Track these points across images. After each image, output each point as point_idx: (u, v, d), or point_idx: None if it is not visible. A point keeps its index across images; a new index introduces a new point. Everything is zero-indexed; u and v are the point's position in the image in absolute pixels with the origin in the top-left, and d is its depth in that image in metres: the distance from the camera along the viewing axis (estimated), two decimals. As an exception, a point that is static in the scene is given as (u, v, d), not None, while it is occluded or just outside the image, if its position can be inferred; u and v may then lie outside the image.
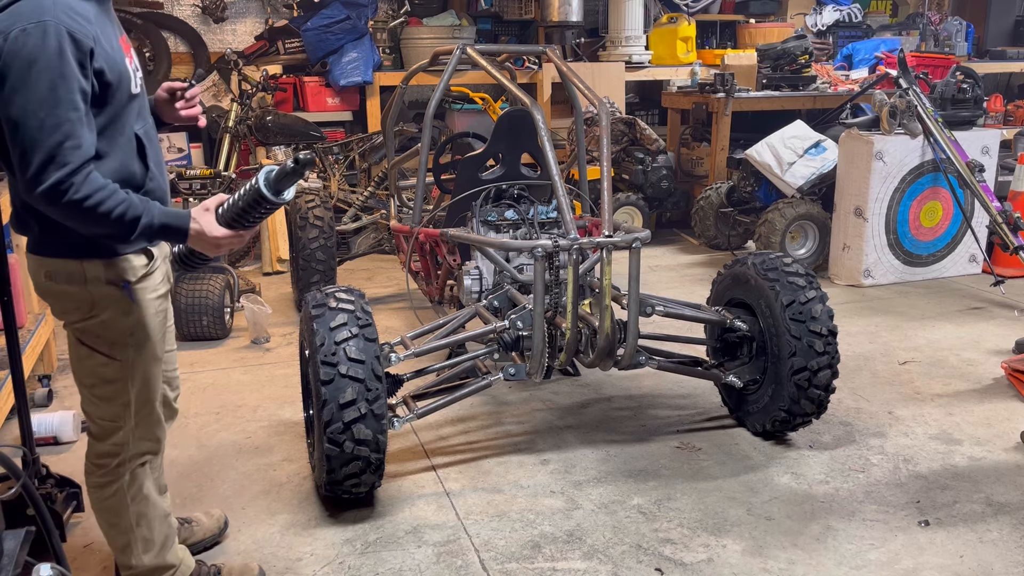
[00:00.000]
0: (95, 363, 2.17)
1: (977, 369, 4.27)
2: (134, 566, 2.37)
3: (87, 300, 2.12)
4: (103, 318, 2.14)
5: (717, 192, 6.60)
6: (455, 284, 3.94)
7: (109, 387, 2.19)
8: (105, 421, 2.23)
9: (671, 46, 7.58)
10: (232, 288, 4.97)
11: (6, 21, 1.89)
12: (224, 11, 7.19)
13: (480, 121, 6.72)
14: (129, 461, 2.27)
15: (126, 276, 2.14)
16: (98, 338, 2.15)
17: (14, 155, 1.91)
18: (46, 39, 1.87)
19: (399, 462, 3.37)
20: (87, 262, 2.10)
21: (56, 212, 1.93)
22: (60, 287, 2.13)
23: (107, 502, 2.29)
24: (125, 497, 2.29)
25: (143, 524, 2.33)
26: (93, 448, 2.27)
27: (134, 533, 2.33)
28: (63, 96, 1.89)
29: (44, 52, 1.86)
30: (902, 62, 5.57)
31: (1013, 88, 8.83)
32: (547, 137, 3.24)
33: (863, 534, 2.84)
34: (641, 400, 3.94)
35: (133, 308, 2.16)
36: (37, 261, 2.14)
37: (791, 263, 3.39)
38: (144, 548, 2.35)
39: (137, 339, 2.18)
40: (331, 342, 2.80)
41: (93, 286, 2.11)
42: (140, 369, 2.21)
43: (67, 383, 4.23)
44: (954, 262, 5.93)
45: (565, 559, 2.72)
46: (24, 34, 1.86)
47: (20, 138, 1.88)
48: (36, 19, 1.87)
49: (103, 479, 2.27)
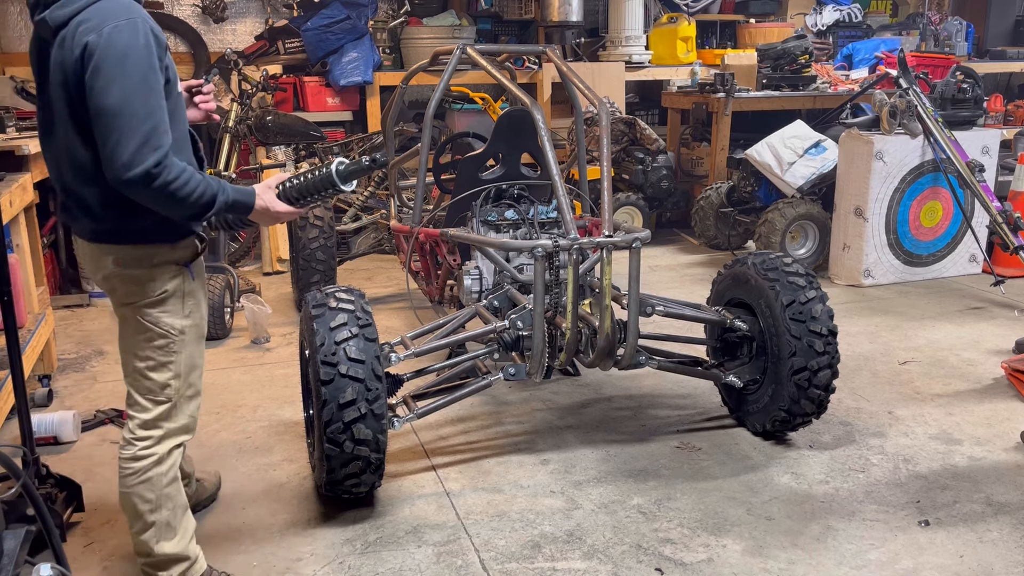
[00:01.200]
0: (152, 340, 2.32)
1: (977, 369, 4.27)
2: (154, 553, 2.40)
3: (154, 281, 2.29)
4: (167, 297, 2.31)
5: (717, 192, 6.60)
6: (455, 284, 3.94)
7: (162, 362, 2.34)
8: (153, 395, 2.36)
9: (671, 46, 7.58)
10: (232, 288, 4.97)
11: (96, 19, 2.07)
12: (224, 11, 7.19)
13: (480, 121, 6.72)
14: (171, 436, 2.39)
15: (187, 258, 2.34)
16: (160, 315, 2.31)
17: (108, 142, 2.04)
18: (136, 34, 2.07)
19: (399, 462, 3.37)
20: (156, 246, 2.28)
21: (146, 194, 2.09)
22: (129, 271, 2.28)
23: (141, 477, 2.35)
24: (161, 476, 2.37)
25: (167, 507, 2.39)
26: (137, 421, 2.37)
27: (159, 515, 2.38)
28: (153, 86, 2.08)
29: (135, 46, 2.06)
30: (902, 62, 5.57)
31: (1013, 88, 8.83)
32: (547, 137, 3.24)
33: (863, 534, 2.84)
34: (641, 400, 3.94)
35: (192, 286, 2.37)
36: (104, 249, 2.28)
37: (791, 263, 3.39)
38: (166, 535, 2.40)
39: (191, 315, 2.37)
40: (331, 342, 2.80)
41: (160, 268, 2.29)
42: (190, 344, 2.38)
43: (67, 383, 4.24)
44: (954, 262, 5.93)
45: (565, 559, 2.72)
46: (116, 30, 2.05)
47: (116, 125, 2.03)
48: (126, 16, 2.08)
49: (144, 452, 2.35)
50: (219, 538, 2.87)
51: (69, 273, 5.78)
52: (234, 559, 2.75)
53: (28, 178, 4.11)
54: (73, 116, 2.14)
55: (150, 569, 2.43)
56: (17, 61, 6.80)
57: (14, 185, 3.82)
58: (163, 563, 2.41)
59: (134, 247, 2.26)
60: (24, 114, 5.33)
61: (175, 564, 2.43)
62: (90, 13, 2.08)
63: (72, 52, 2.07)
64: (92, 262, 2.34)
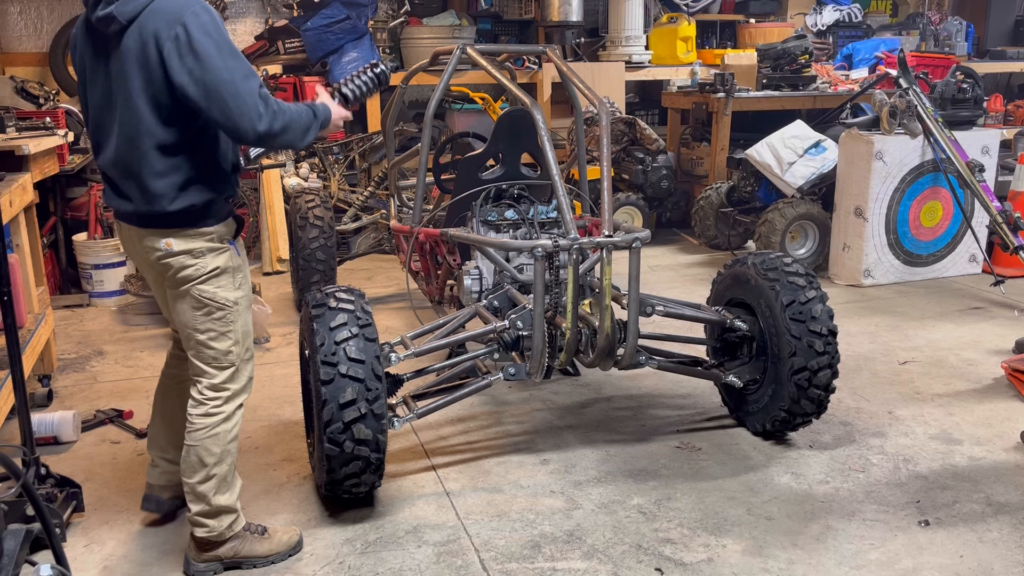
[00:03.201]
0: (211, 313, 2.54)
1: (977, 369, 4.27)
2: (211, 504, 2.61)
3: (208, 259, 2.50)
4: (220, 273, 2.52)
5: (717, 192, 6.60)
6: (455, 284, 3.94)
7: (222, 331, 2.56)
8: (218, 362, 2.58)
9: (671, 46, 7.58)
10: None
11: (173, 11, 2.29)
12: (224, 11, 7.18)
13: (480, 121, 6.71)
14: (236, 396, 2.63)
15: (230, 235, 2.56)
16: (216, 290, 2.53)
17: (223, 111, 2.29)
18: (212, 15, 2.34)
19: (399, 462, 3.37)
20: (205, 228, 2.48)
21: (278, 138, 2.39)
22: (184, 253, 2.47)
23: (209, 432, 2.57)
24: (226, 433, 2.60)
25: (227, 462, 2.62)
26: (205, 384, 2.59)
27: (221, 468, 2.60)
28: (238, 53, 2.36)
29: (216, 24, 2.33)
30: (902, 62, 5.57)
31: (1013, 88, 8.83)
32: (547, 137, 3.24)
33: (863, 534, 2.84)
34: (641, 400, 3.94)
35: (238, 261, 2.58)
36: (157, 234, 2.47)
37: (791, 263, 3.39)
38: (222, 488, 2.62)
39: (242, 287, 2.60)
40: (331, 342, 2.80)
41: (211, 247, 2.50)
42: (243, 313, 2.61)
43: (67, 383, 4.24)
44: (954, 262, 5.93)
45: (565, 559, 2.72)
46: (195, 15, 2.29)
47: (230, 92, 2.28)
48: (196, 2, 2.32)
49: (215, 410, 2.59)
50: (219, 538, 2.87)
51: (69, 273, 5.78)
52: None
53: (28, 178, 4.11)
54: (152, 100, 2.33)
55: (202, 518, 2.62)
56: (17, 61, 6.81)
57: (14, 185, 3.82)
58: (215, 513, 2.62)
59: (185, 230, 2.46)
60: (24, 114, 5.33)
61: (226, 515, 2.64)
62: (162, 4, 2.30)
63: (153, 41, 2.28)
64: (142, 249, 2.51)
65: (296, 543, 2.77)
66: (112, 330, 5.08)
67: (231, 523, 2.66)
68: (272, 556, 2.71)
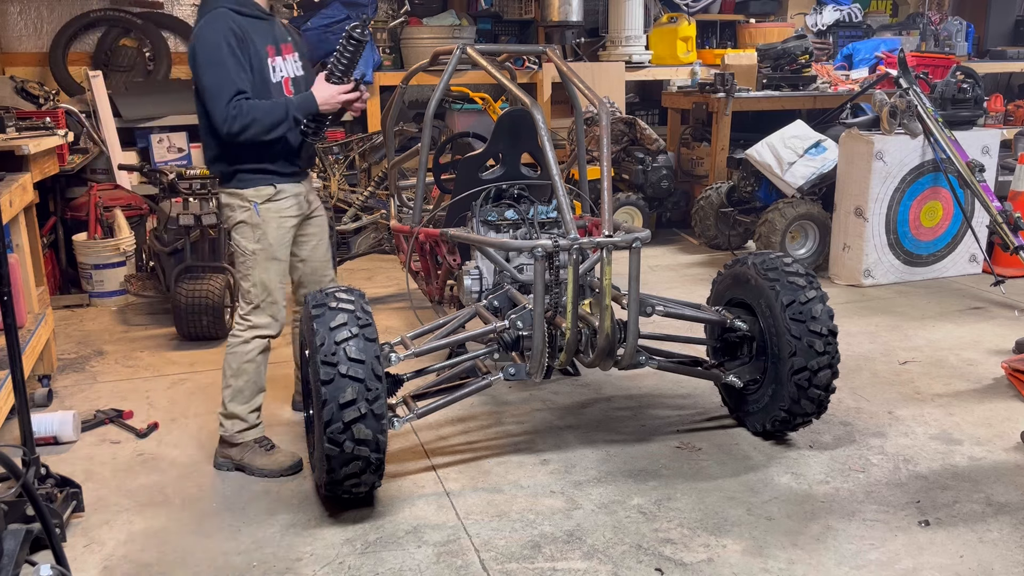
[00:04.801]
0: (238, 256, 3.27)
1: (977, 369, 4.27)
2: (226, 408, 3.31)
3: (237, 213, 3.22)
4: (243, 225, 3.22)
5: (717, 192, 6.60)
6: (455, 284, 3.93)
7: (244, 273, 3.26)
8: (244, 297, 3.28)
9: (671, 46, 7.58)
10: (232, 288, 4.96)
11: (196, 25, 3.09)
12: (224, 11, 7.18)
13: (480, 121, 6.71)
14: (254, 328, 3.26)
15: (255, 199, 3.20)
16: (239, 239, 3.25)
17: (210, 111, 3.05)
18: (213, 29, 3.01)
19: (399, 462, 3.37)
20: (237, 188, 3.20)
21: (240, 135, 3.01)
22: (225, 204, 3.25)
23: (231, 350, 3.28)
24: (242, 354, 3.26)
25: (241, 379, 3.27)
26: (239, 314, 3.31)
27: (234, 381, 3.28)
28: (222, 64, 3.01)
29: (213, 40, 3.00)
30: (902, 62, 5.57)
31: (1013, 88, 8.83)
32: (547, 137, 3.24)
33: (863, 534, 2.84)
34: (641, 400, 3.94)
35: (257, 220, 3.21)
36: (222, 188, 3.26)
37: (791, 263, 3.39)
38: (235, 397, 3.29)
39: (260, 242, 3.22)
40: (331, 342, 2.80)
41: (240, 204, 3.20)
42: (260, 263, 3.23)
43: (67, 383, 4.24)
44: (954, 262, 5.93)
45: (565, 559, 2.72)
46: (200, 31, 3.04)
47: (208, 98, 3.02)
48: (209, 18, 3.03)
49: (238, 333, 3.29)
50: (220, 538, 2.87)
51: (69, 273, 5.78)
52: (234, 559, 2.75)
53: (28, 178, 4.11)
54: (196, 92, 3.11)
55: (221, 417, 3.34)
56: (17, 61, 6.80)
57: (14, 185, 3.82)
58: (228, 416, 3.31)
59: (225, 188, 3.23)
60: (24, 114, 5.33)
61: (237, 420, 3.30)
62: (198, 14, 3.12)
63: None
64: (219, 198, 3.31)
65: (289, 466, 3.27)
66: (112, 330, 5.08)
67: (241, 430, 3.30)
68: (265, 470, 3.26)
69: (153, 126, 6.56)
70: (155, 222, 5.32)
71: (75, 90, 6.62)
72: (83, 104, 6.24)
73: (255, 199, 3.19)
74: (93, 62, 6.88)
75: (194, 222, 4.87)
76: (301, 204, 3.33)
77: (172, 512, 3.04)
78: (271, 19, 3.23)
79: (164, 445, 3.57)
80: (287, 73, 3.23)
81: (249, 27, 3.07)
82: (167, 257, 5.03)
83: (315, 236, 3.48)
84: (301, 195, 3.33)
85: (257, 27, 3.12)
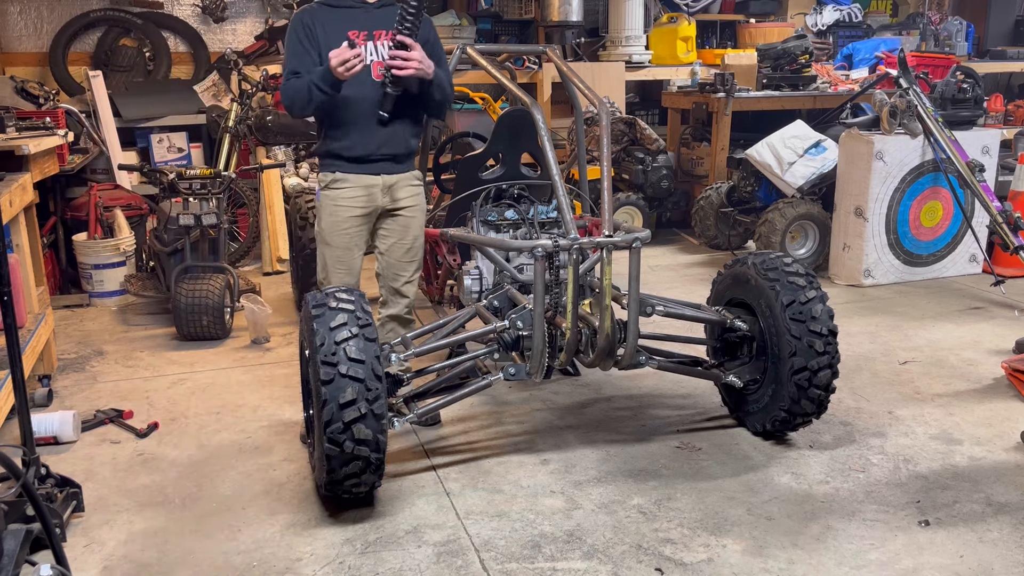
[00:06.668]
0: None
1: (977, 369, 4.27)
2: None
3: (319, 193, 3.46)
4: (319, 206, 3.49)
5: (717, 192, 6.60)
6: (455, 284, 3.94)
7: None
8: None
9: (671, 46, 7.58)
10: (232, 288, 4.96)
11: None
12: (224, 11, 7.18)
13: (480, 121, 6.71)
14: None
15: (320, 184, 3.44)
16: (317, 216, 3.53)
17: None
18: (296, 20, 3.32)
19: (399, 462, 3.37)
20: (320, 173, 3.45)
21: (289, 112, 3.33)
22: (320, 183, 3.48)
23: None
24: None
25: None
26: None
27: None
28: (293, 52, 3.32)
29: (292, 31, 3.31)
30: (902, 62, 5.57)
31: (1013, 88, 8.83)
32: (547, 137, 3.24)
33: (863, 534, 2.84)
34: (641, 400, 3.94)
35: (321, 203, 3.43)
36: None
37: (791, 263, 3.39)
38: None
39: (322, 222, 3.45)
40: (331, 342, 2.80)
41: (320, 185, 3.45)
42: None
43: (67, 383, 4.24)
44: (954, 262, 5.93)
45: (565, 559, 2.72)
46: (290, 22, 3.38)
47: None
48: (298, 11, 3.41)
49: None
50: (220, 538, 2.87)
51: (69, 273, 5.78)
52: (234, 559, 2.75)
53: (28, 178, 4.11)
54: None
55: None
56: (17, 61, 6.80)
57: (14, 185, 3.82)
58: None
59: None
60: (24, 114, 5.33)
61: None
62: None
63: None
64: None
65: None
66: (112, 330, 5.08)
67: None
68: None
69: (153, 126, 6.56)
70: (155, 222, 5.32)
71: (75, 90, 6.62)
72: (83, 104, 6.24)
73: (320, 183, 3.42)
74: (93, 62, 6.88)
75: (194, 222, 4.87)
76: (373, 197, 3.38)
77: (172, 512, 3.04)
78: (365, 7, 3.33)
79: (164, 445, 3.57)
80: (377, 57, 3.28)
81: (330, 16, 3.28)
82: (167, 257, 5.03)
83: (394, 233, 3.50)
84: (375, 188, 3.37)
85: (344, 15, 3.29)
